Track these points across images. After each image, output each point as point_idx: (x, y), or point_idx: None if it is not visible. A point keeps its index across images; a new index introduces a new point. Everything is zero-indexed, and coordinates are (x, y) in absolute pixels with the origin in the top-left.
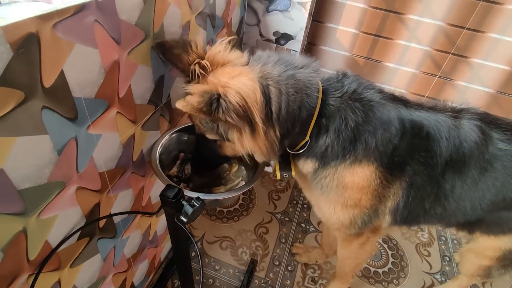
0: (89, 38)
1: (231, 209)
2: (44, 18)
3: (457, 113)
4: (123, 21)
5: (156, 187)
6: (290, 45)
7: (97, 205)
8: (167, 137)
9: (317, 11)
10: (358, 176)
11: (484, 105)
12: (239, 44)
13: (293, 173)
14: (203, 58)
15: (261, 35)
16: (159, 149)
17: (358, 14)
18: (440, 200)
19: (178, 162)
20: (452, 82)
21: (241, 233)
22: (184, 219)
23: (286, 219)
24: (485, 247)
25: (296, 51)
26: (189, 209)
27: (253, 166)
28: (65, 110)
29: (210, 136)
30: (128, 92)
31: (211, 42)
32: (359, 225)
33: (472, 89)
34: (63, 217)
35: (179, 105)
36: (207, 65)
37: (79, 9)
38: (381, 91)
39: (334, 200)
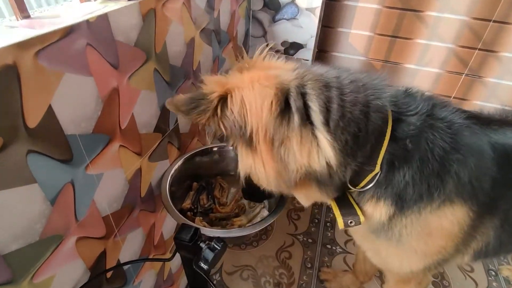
0: (81, 65)
1: None
2: (23, 46)
3: None
4: (120, 43)
5: (168, 221)
6: (300, 54)
7: (103, 254)
8: (177, 165)
9: (327, 16)
10: (448, 219)
11: None
12: None
13: (362, 219)
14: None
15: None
16: (169, 181)
17: (372, 16)
18: None
19: (191, 192)
20: (481, 80)
21: (262, 260)
22: (204, 266)
23: (310, 240)
24: None
25: (307, 60)
26: (209, 254)
27: None
28: (57, 152)
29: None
30: (131, 122)
31: (217, 59)
32: (432, 269)
33: (503, 85)
34: (62, 276)
35: (166, 102)
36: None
37: (66, 33)
38: (460, 110)
39: (412, 250)
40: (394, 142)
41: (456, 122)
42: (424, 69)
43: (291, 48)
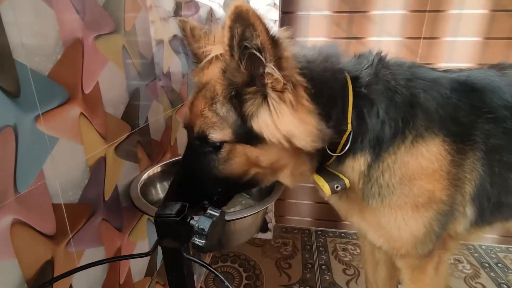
0: None
1: None
2: None
3: (492, 68)
4: None
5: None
6: None
7: (49, 264)
8: (151, 170)
9: None
10: (425, 157)
11: None
12: None
13: (347, 181)
14: None
15: None
16: (139, 185)
17: None
18: None
19: None
20: None
21: None
22: (200, 242)
23: None
24: None
25: None
26: (205, 222)
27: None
28: None
29: (219, 134)
30: (95, 90)
31: (186, 76)
32: (436, 233)
33: None
34: None
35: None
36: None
37: None
38: (408, 61)
39: (401, 205)
40: (357, 96)
41: (406, 63)
42: None
43: None
